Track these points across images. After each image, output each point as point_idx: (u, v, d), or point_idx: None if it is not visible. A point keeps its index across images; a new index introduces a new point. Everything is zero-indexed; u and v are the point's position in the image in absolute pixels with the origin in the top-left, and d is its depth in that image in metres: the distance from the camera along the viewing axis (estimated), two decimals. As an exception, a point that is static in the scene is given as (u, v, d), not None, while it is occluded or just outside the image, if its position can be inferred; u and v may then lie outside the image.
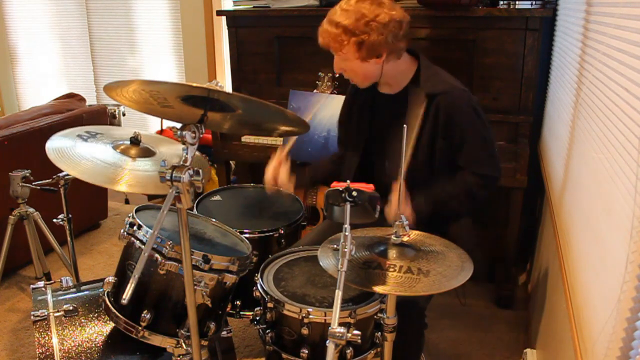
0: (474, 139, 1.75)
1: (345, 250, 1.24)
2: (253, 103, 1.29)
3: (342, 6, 1.71)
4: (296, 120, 1.47)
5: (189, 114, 1.31)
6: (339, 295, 1.17)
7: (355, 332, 1.29)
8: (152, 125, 4.29)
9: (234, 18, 2.91)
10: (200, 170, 1.24)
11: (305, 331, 1.49)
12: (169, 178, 1.21)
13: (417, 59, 1.82)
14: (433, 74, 1.80)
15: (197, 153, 1.41)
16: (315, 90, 2.68)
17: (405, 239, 1.43)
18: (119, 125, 3.84)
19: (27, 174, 2.33)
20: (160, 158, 1.67)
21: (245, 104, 1.33)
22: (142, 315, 1.49)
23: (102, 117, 3.33)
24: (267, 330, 1.59)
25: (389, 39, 1.69)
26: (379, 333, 1.53)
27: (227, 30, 2.95)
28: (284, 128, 1.55)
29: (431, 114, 1.74)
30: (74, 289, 1.78)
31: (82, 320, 1.64)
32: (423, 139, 1.76)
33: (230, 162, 3.27)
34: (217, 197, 2.20)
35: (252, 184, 2.34)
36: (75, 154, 1.61)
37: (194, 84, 1.20)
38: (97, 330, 1.63)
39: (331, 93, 2.65)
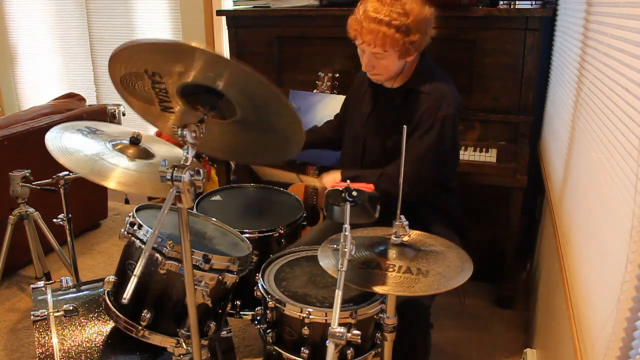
0: (416, 143, 1.74)
1: (345, 250, 1.24)
2: (249, 77, 1.25)
3: (383, 1, 1.65)
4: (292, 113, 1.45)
5: (188, 116, 1.31)
6: (339, 295, 1.17)
7: (355, 332, 1.29)
8: (152, 125, 4.29)
9: (234, 18, 2.91)
10: (201, 170, 1.24)
11: (306, 331, 1.49)
12: (169, 177, 1.21)
13: (420, 56, 1.83)
14: (426, 73, 1.81)
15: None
16: (315, 90, 2.68)
17: (405, 239, 1.43)
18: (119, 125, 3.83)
19: (27, 174, 2.33)
20: (158, 161, 1.67)
21: (240, 77, 1.29)
22: (143, 314, 1.49)
23: (102, 116, 3.33)
24: (268, 330, 1.59)
25: (428, 36, 1.71)
26: (379, 333, 1.53)
27: (227, 30, 2.95)
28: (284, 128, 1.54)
29: (408, 109, 1.76)
30: (74, 289, 1.78)
31: (82, 320, 1.64)
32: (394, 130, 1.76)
33: (230, 162, 3.27)
34: (217, 197, 2.20)
35: (252, 184, 2.34)
36: (72, 147, 1.61)
37: (193, 43, 1.13)
38: (97, 330, 1.63)
39: (331, 93, 2.65)
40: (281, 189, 2.29)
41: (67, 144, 1.62)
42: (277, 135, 1.43)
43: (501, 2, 2.52)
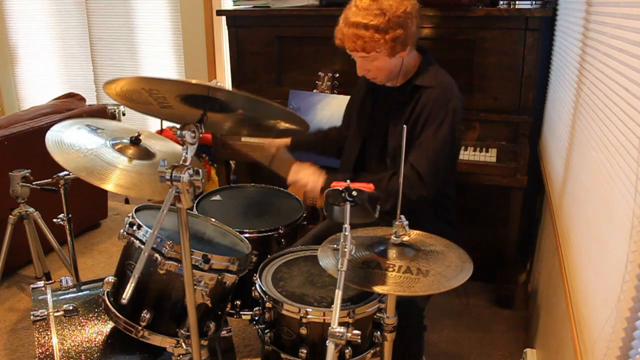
0: (431, 138, 1.71)
1: (345, 250, 1.24)
2: (253, 101, 1.29)
3: (358, 5, 1.66)
4: (296, 118, 1.46)
5: (188, 114, 1.31)
6: (339, 295, 1.17)
7: (355, 331, 1.29)
8: (152, 125, 4.29)
9: (234, 18, 2.91)
10: (200, 170, 1.24)
11: (304, 331, 1.49)
12: (168, 178, 1.21)
13: (422, 55, 1.84)
14: (429, 70, 1.82)
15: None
16: (315, 90, 2.68)
17: (406, 238, 1.43)
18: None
19: (27, 174, 2.33)
20: (157, 162, 1.66)
21: (245, 102, 1.32)
22: (142, 315, 1.49)
23: (102, 116, 3.33)
24: (266, 330, 1.59)
25: (414, 28, 1.70)
26: (378, 333, 1.53)
27: (227, 30, 2.95)
28: (284, 125, 1.55)
29: (411, 105, 1.76)
30: (74, 289, 1.78)
31: (82, 320, 1.64)
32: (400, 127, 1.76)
33: (230, 162, 3.27)
34: (217, 197, 2.20)
35: (252, 184, 2.34)
36: (72, 148, 1.61)
37: (194, 81, 1.18)
38: (97, 330, 1.63)
39: (331, 93, 2.65)
40: (281, 189, 2.29)
41: (67, 142, 1.61)
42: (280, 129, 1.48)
43: (501, 2, 2.52)
